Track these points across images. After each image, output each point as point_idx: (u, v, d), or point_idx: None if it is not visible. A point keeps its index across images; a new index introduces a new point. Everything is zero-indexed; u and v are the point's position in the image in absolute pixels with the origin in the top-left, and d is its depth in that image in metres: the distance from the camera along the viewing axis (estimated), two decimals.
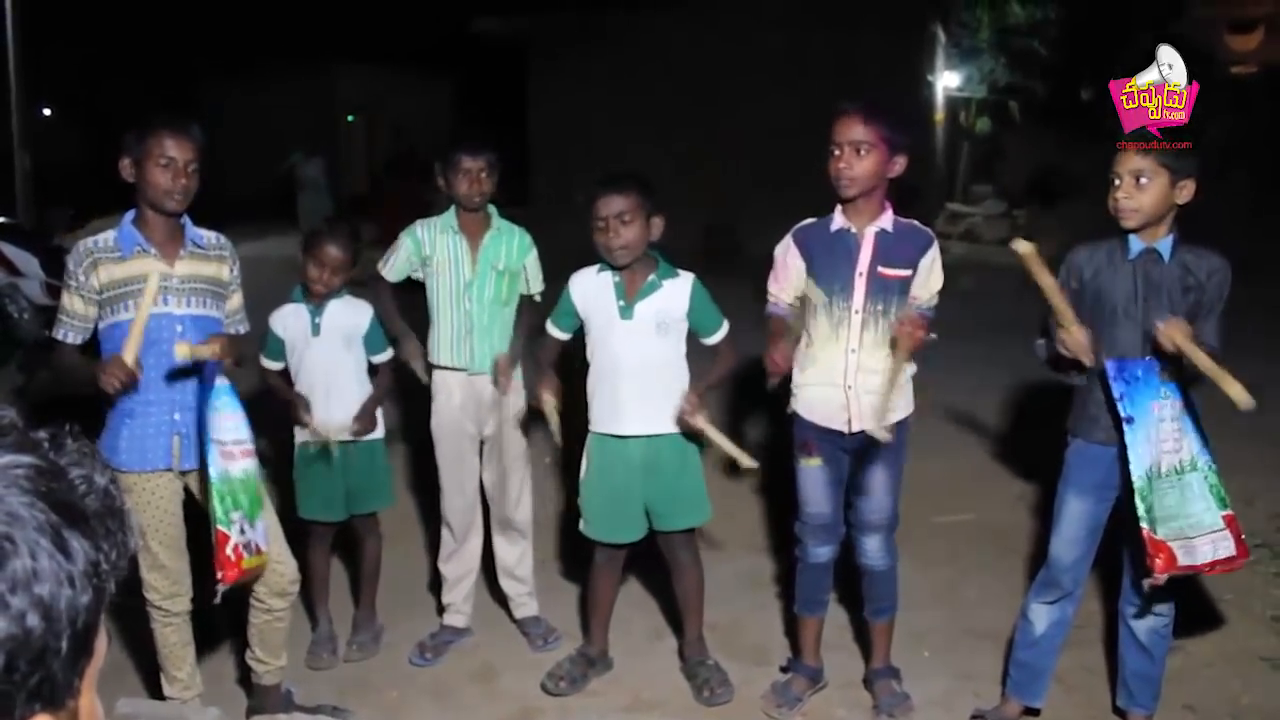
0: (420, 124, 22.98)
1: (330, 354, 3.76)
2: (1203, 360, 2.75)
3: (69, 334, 3.10)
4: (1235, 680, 3.65)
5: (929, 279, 3.24)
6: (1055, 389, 3.37)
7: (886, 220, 3.21)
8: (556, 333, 3.56)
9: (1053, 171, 19.22)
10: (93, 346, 3.13)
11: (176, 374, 3.08)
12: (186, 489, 3.22)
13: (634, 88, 14.04)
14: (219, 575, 2.91)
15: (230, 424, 3.02)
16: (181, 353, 2.90)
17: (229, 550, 2.90)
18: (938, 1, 17.11)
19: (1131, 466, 2.89)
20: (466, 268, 3.77)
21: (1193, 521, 2.93)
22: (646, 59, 14.00)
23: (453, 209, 3.81)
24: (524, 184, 15.11)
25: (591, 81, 14.25)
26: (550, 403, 3.36)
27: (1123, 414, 2.89)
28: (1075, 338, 2.91)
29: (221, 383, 3.02)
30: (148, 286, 2.90)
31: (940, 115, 18.49)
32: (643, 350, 3.35)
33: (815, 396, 3.27)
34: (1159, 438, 2.91)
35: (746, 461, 3.18)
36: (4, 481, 0.79)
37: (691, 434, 3.38)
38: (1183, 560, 2.89)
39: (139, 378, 2.94)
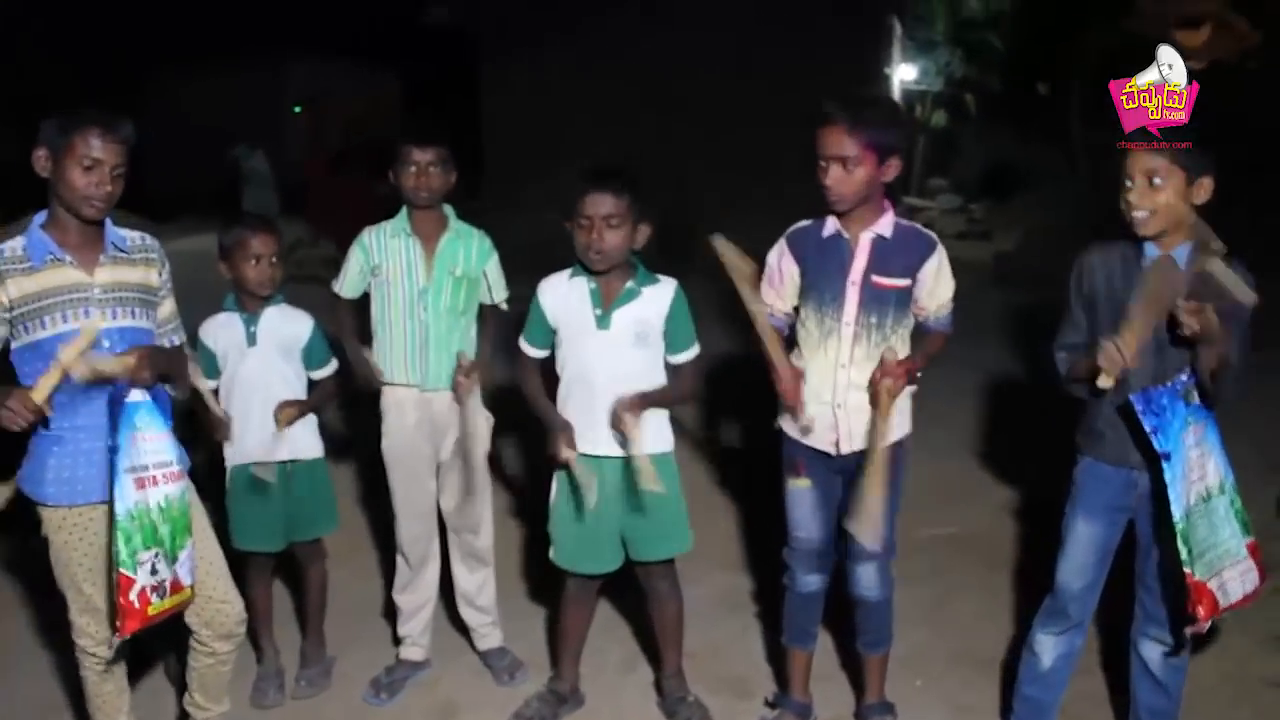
0: (369, 114, 22.53)
1: (267, 366, 3.44)
2: (1217, 275, 2.61)
3: None
4: (1241, 704, 3.47)
5: (935, 287, 3.00)
6: (1031, 392, 3.17)
7: (885, 224, 2.96)
8: (532, 350, 3.24)
9: (1008, 166, 19.23)
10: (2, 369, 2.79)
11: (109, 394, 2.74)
12: None
13: (587, 80, 13.73)
14: (116, 624, 2.60)
15: (152, 445, 2.68)
16: (79, 372, 2.53)
17: (133, 595, 2.57)
18: None
19: (1172, 507, 2.67)
20: (421, 274, 3.46)
21: (1221, 551, 2.73)
22: (600, 51, 13.69)
23: (404, 210, 3.51)
24: (476, 178, 14.76)
25: (544, 73, 13.92)
26: (573, 455, 3.08)
27: (1159, 449, 2.67)
28: (1117, 353, 2.65)
29: (139, 398, 2.67)
30: (81, 337, 2.56)
31: None
32: (620, 363, 3.06)
33: (805, 415, 3.02)
34: (1190, 469, 2.70)
35: (650, 482, 2.98)
36: None
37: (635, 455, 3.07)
38: (1222, 603, 2.70)
39: (48, 415, 2.62)
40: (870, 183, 2.88)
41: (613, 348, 3.07)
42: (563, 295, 3.14)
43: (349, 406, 4.55)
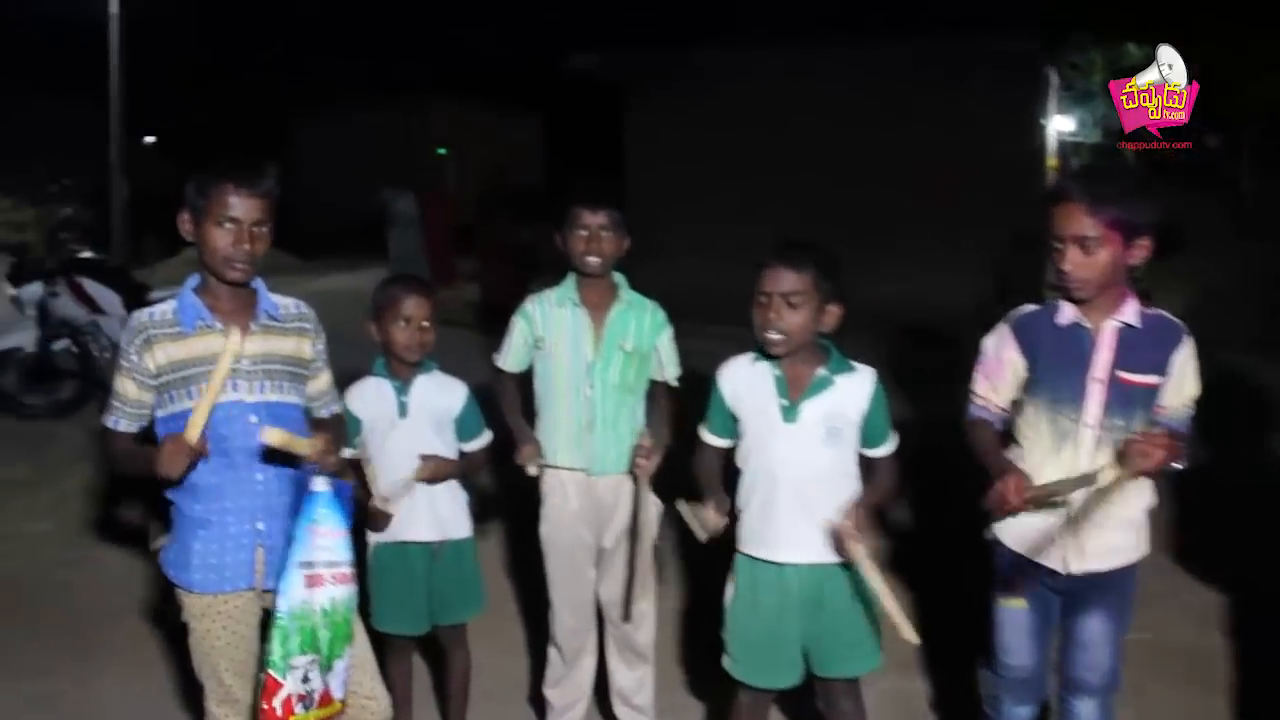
0: (511, 159, 22.82)
1: (419, 439, 3.21)
2: None
3: (120, 421, 2.61)
4: None
5: (1182, 383, 2.63)
6: (1216, 477, 2.74)
7: (1130, 312, 2.60)
8: (715, 440, 2.93)
9: (1169, 222, 18.33)
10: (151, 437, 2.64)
11: (259, 474, 2.59)
12: (265, 609, 2.71)
13: (730, 132, 13.52)
14: None
15: (327, 542, 2.48)
16: (274, 438, 2.39)
17: (277, 701, 2.37)
18: (1051, 42, 16.42)
19: None
20: (588, 347, 3.21)
21: None
22: (744, 103, 13.47)
23: (571, 278, 3.27)
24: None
25: (687, 124, 13.74)
26: (715, 522, 2.77)
27: None
28: None
29: (323, 487, 2.49)
30: (225, 351, 2.42)
31: (1053, 161, 17.69)
32: (808, 460, 2.73)
33: (1027, 524, 2.66)
34: None
35: (908, 633, 2.54)
36: None
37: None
38: None
39: (206, 453, 2.46)
40: (1114, 267, 2.55)
41: (800, 444, 2.74)
42: (745, 381, 2.83)
43: (495, 470, 4.33)
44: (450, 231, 13.84)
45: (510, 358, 3.34)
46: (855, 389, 2.76)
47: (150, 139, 25.27)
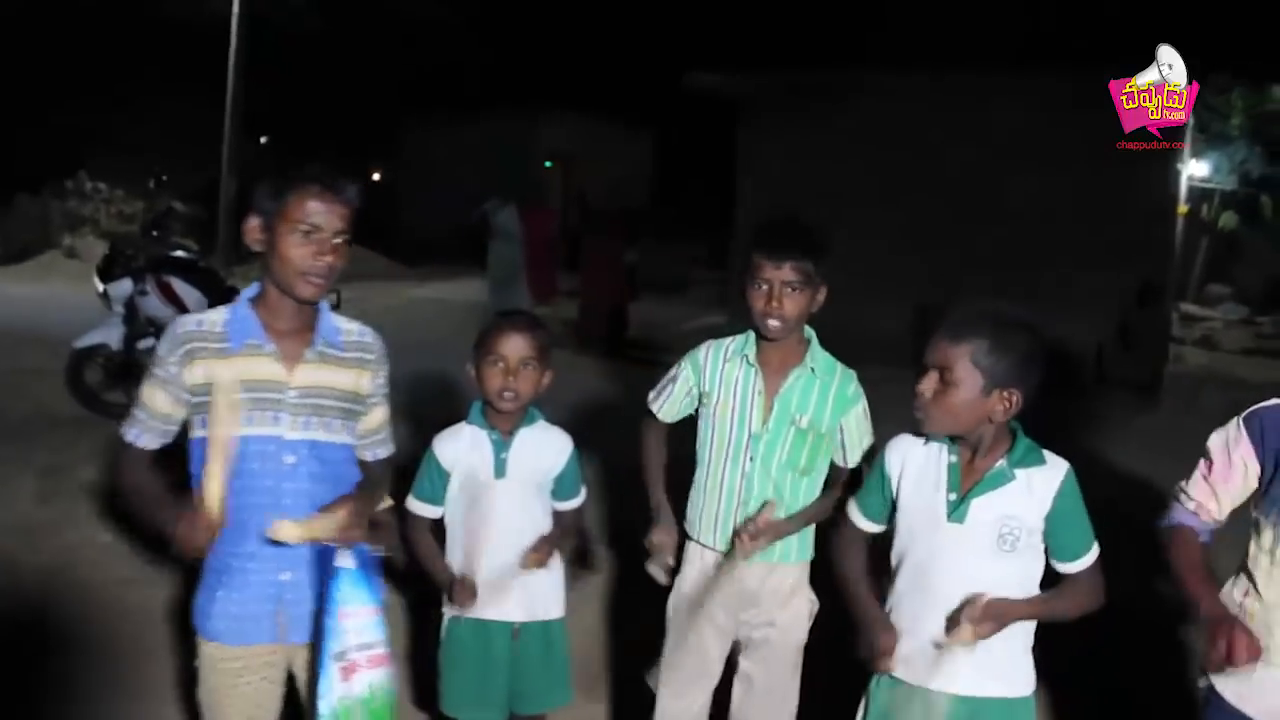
0: (621, 175, 22.55)
1: (516, 504, 2.76)
2: None
3: (141, 435, 2.32)
4: None
5: None
6: None
7: None
8: (865, 523, 2.46)
9: None
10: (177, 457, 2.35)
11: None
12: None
13: (852, 154, 12.99)
14: None
15: (358, 623, 2.17)
16: (287, 534, 2.12)
17: None
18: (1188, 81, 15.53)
19: None
20: (755, 415, 2.73)
21: None
22: (869, 125, 12.93)
23: (750, 332, 2.79)
24: (724, 247, 14.22)
25: (803, 147, 13.24)
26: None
27: None
28: None
29: (346, 563, 2.17)
30: (216, 408, 2.13)
31: (1183, 208, 16.74)
32: (974, 570, 2.23)
33: (1254, 679, 2.13)
34: None
35: None
36: None
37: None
38: None
39: (218, 532, 2.13)
40: None
41: (964, 548, 2.24)
42: (913, 463, 2.35)
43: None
44: (552, 246, 13.55)
45: (666, 404, 2.90)
46: (1038, 487, 2.24)
47: (265, 139, 25.56)
